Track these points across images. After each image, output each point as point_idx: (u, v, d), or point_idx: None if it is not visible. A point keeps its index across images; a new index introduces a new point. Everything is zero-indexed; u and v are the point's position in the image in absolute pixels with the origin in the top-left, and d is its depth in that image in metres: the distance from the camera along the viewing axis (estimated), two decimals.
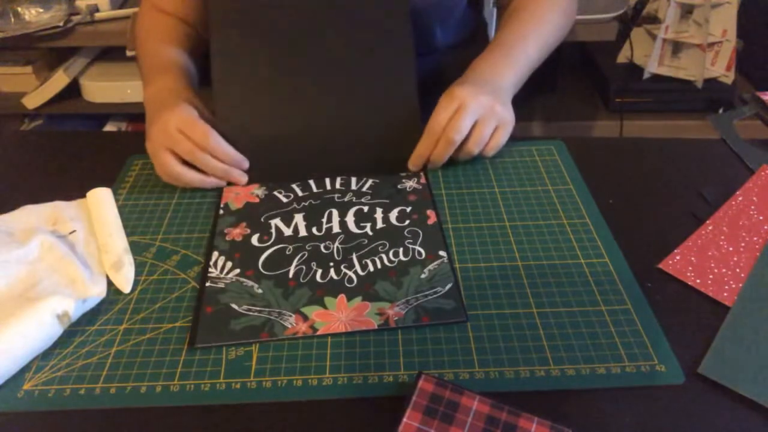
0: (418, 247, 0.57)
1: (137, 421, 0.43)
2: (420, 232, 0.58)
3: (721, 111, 1.37)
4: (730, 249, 0.55)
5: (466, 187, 0.64)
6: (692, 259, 0.54)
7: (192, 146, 0.61)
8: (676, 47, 1.37)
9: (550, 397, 0.44)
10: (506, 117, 0.63)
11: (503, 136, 0.64)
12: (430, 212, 0.61)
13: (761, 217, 0.59)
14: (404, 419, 0.41)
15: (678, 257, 0.55)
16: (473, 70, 0.66)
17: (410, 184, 0.64)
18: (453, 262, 0.55)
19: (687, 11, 1.33)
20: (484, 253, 0.56)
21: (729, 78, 1.37)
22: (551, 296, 0.52)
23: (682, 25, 1.35)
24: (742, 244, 0.56)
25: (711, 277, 0.53)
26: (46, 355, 0.48)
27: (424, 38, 0.74)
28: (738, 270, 0.53)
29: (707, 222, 0.58)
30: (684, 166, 0.67)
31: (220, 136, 0.62)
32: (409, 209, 0.61)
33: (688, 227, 0.59)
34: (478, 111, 0.61)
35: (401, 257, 0.56)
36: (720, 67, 1.36)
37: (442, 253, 0.56)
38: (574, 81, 1.58)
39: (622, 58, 1.45)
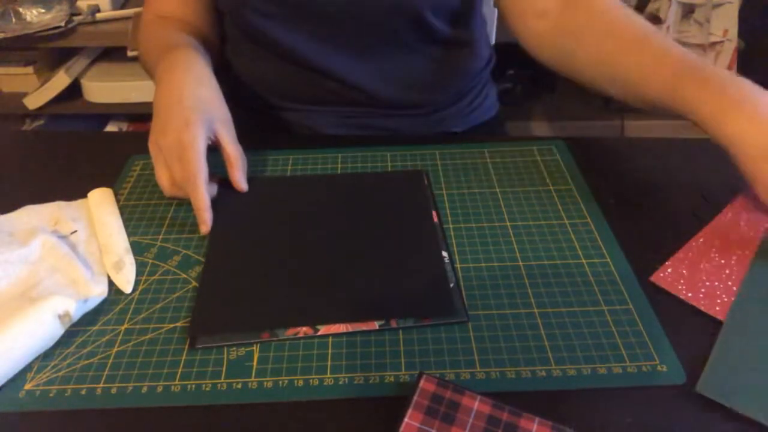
0: None
1: (138, 421, 0.43)
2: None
3: None
4: (722, 262, 0.54)
5: (467, 187, 0.64)
6: (683, 272, 0.54)
7: (178, 176, 0.57)
8: None
9: (551, 397, 0.44)
10: None
11: None
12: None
13: (752, 231, 0.58)
14: (405, 419, 0.41)
15: (669, 270, 0.54)
16: (733, 93, 0.54)
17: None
18: (454, 262, 0.55)
19: (688, 11, 1.33)
20: (484, 252, 0.56)
21: None
22: (552, 296, 0.52)
23: (684, 25, 1.35)
24: (734, 258, 0.55)
25: (703, 290, 0.52)
26: (47, 355, 0.48)
27: (419, 25, 0.73)
28: (730, 283, 0.52)
29: (698, 234, 0.58)
30: (685, 166, 0.67)
31: (203, 181, 0.56)
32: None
33: (689, 227, 0.58)
34: None
35: None
36: (721, 66, 1.36)
37: (442, 253, 0.56)
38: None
39: None
